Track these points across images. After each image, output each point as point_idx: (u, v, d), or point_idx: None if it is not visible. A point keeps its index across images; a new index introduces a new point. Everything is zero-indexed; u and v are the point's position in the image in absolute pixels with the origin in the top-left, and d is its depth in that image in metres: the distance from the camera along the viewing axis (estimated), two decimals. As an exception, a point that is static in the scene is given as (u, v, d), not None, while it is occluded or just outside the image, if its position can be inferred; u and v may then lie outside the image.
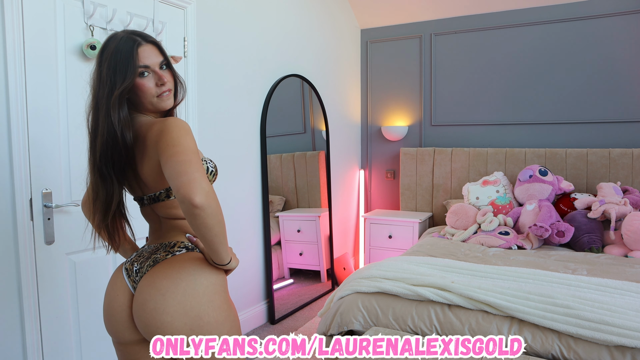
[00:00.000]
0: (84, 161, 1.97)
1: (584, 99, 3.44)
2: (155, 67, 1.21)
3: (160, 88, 1.21)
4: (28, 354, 1.79)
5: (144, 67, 1.18)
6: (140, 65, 1.18)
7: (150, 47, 1.21)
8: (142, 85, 1.19)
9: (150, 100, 1.22)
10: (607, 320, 1.62)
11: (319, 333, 2.10)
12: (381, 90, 4.20)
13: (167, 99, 1.24)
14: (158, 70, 1.21)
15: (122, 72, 1.16)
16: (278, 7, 3.18)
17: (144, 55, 1.19)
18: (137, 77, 1.18)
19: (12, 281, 1.75)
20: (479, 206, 3.34)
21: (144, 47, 1.20)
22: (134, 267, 1.23)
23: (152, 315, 1.12)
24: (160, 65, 1.22)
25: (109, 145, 1.17)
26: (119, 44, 1.18)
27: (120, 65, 1.16)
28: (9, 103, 1.70)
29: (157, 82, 1.21)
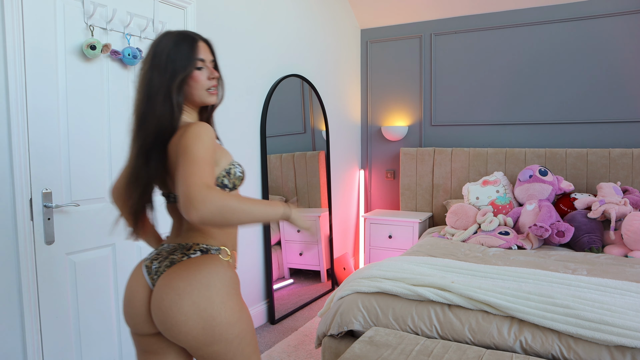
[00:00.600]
0: (84, 161, 1.98)
1: (584, 99, 3.44)
2: (208, 63, 1.30)
3: (210, 82, 1.30)
4: (28, 354, 1.79)
5: (201, 60, 1.28)
6: (199, 58, 1.27)
7: (205, 45, 1.32)
8: (197, 76, 1.28)
9: (200, 93, 1.30)
10: (607, 320, 1.62)
11: (319, 333, 2.10)
12: (381, 90, 4.20)
13: (213, 95, 1.32)
14: (210, 66, 1.31)
15: (183, 62, 1.25)
16: (278, 8, 3.18)
17: (201, 50, 1.28)
18: (195, 68, 1.27)
19: (12, 281, 1.75)
20: (479, 206, 3.34)
21: (201, 43, 1.30)
22: (153, 265, 1.28)
23: (168, 313, 1.18)
24: (212, 63, 1.32)
25: (162, 128, 1.24)
26: (178, 38, 1.28)
27: (181, 55, 1.25)
28: (9, 103, 1.70)
29: (209, 76, 1.30)
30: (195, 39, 1.30)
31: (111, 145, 2.10)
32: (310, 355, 2.61)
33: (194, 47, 1.28)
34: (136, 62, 2.11)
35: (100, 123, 2.05)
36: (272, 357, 2.59)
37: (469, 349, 1.66)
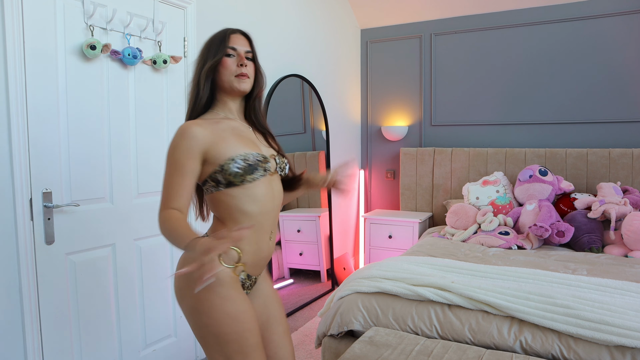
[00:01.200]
0: (84, 161, 1.98)
1: (584, 99, 3.44)
2: (241, 52, 1.37)
3: (239, 69, 1.35)
4: (28, 354, 1.78)
5: (231, 48, 1.35)
6: (229, 46, 1.35)
7: (241, 36, 1.40)
8: (225, 62, 1.35)
9: (229, 79, 1.35)
10: (607, 320, 1.62)
11: (319, 333, 2.10)
12: (381, 90, 4.20)
13: (243, 82, 1.36)
14: (242, 54, 1.37)
15: (214, 51, 1.35)
16: (278, 7, 3.18)
17: (233, 40, 1.37)
18: (224, 56, 1.35)
19: (12, 281, 1.75)
20: (479, 206, 3.33)
21: (236, 35, 1.38)
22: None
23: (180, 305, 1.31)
24: (246, 54, 1.38)
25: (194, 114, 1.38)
26: (216, 33, 1.39)
27: (213, 45, 1.36)
28: (9, 103, 1.70)
29: (238, 63, 1.35)
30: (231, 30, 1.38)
31: (111, 145, 2.10)
32: (310, 355, 2.61)
33: (226, 36, 1.36)
34: (136, 62, 2.11)
35: (100, 123, 2.05)
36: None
37: (469, 349, 1.66)
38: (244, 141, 1.32)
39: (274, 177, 1.36)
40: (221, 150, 1.28)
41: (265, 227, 1.34)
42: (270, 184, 1.34)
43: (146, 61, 2.20)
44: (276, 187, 1.37)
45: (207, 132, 1.28)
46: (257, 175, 1.29)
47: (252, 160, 1.29)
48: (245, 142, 1.32)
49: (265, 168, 1.32)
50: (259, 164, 1.30)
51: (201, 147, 1.26)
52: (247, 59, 1.38)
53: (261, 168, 1.30)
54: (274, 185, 1.36)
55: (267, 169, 1.32)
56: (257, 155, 1.31)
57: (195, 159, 1.26)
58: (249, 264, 1.32)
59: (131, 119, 2.19)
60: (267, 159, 1.34)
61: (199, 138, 1.26)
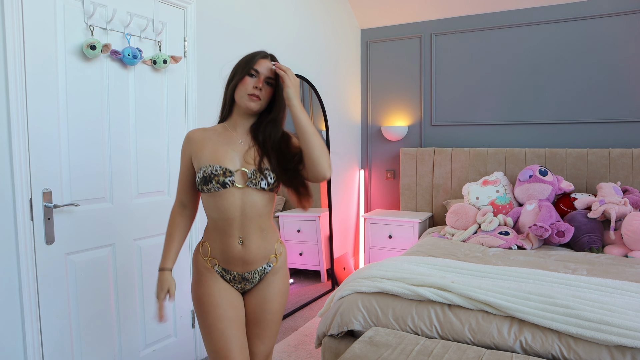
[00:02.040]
0: (84, 161, 1.98)
1: (584, 99, 3.44)
2: (262, 76, 1.47)
3: (253, 90, 1.46)
4: (28, 354, 1.78)
5: (255, 70, 1.47)
6: (254, 68, 1.47)
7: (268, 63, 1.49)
8: (245, 80, 1.47)
9: (242, 95, 1.47)
10: (607, 320, 1.62)
11: (319, 333, 2.10)
12: (381, 90, 4.20)
13: (251, 102, 1.46)
14: (262, 78, 1.47)
15: (241, 68, 1.49)
16: (278, 7, 3.18)
17: (259, 64, 1.47)
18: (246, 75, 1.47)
19: (12, 281, 1.75)
20: (479, 206, 3.34)
21: (266, 59, 1.49)
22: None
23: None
24: (267, 79, 1.47)
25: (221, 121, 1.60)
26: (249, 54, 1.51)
27: (242, 64, 1.50)
28: (9, 103, 1.70)
29: (255, 85, 1.46)
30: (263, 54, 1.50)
31: (111, 145, 2.10)
32: (310, 355, 2.61)
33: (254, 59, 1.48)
34: (136, 62, 2.11)
35: (100, 123, 2.05)
36: (272, 357, 2.59)
37: (469, 349, 1.66)
38: (218, 154, 1.46)
39: (246, 190, 1.44)
40: (198, 158, 1.49)
41: (230, 232, 1.47)
42: (238, 195, 1.44)
43: (146, 61, 2.20)
44: (250, 198, 1.45)
45: (198, 139, 1.51)
46: (211, 187, 1.43)
47: (207, 173, 1.43)
48: (218, 155, 1.46)
49: (224, 182, 1.42)
50: (213, 177, 1.42)
51: (190, 151, 1.52)
52: (267, 83, 1.48)
53: (215, 181, 1.42)
54: (247, 197, 1.45)
55: (227, 183, 1.42)
56: (216, 169, 1.43)
57: (187, 160, 1.53)
58: (219, 259, 1.50)
59: (131, 119, 2.19)
60: (229, 173, 1.43)
61: (190, 143, 1.52)
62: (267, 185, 1.46)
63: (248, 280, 1.53)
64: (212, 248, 1.51)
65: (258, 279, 1.54)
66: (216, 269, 1.51)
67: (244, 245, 1.48)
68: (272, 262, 1.55)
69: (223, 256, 1.49)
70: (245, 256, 1.48)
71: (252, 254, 1.49)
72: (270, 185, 1.47)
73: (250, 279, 1.53)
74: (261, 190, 1.46)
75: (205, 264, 1.52)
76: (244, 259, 1.49)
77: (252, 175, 1.45)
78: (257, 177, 1.45)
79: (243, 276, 1.51)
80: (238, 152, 1.48)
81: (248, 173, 1.45)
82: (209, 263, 1.51)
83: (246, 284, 1.54)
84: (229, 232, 1.47)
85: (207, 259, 1.52)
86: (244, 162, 1.47)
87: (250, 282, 1.53)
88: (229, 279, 1.52)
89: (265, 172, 1.46)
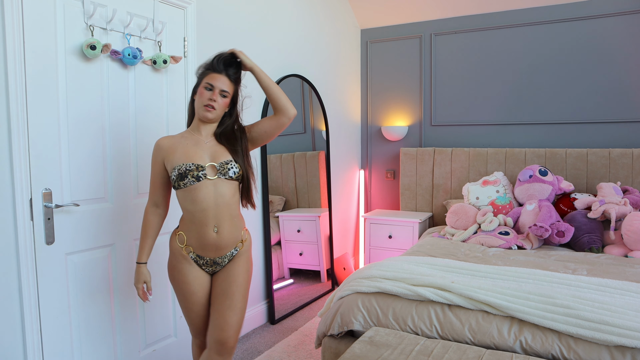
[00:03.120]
0: (84, 161, 1.98)
1: (584, 99, 3.44)
2: (216, 90, 1.71)
3: (209, 101, 1.70)
4: (28, 354, 1.78)
5: (210, 85, 1.71)
6: (208, 83, 1.71)
7: (225, 79, 1.73)
8: (201, 92, 1.72)
9: (199, 105, 1.73)
10: (607, 320, 1.62)
11: (319, 333, 2.10)
12: (381, 90, 4.20)
13: (207, 112, 1.71)
14: (217, 92, 1.71)
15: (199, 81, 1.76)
16: (278, 8, 3.18)
17: (212, 79, 1.72)
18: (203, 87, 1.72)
19: (12, 281, 1.75)
20: (479, 206, 3.34)
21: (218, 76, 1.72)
22: None
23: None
24: (221, 92, 1.72)
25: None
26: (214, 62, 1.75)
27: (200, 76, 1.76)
28: (9, 103, 1.70)
29: (210, 97, 1.70)
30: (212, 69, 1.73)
31: (111, 145, 2.10)
32: (310, 355, 2.61)
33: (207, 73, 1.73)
34: (136, 62, 2.11)
35: (100, 123, 2.05)
36: (272, 357, 2.59)
37: (469, 349, 1.66)
38: (189, 154, 1.70)
39: (218, 181, 1.70)
40: (170, 161, 1.71)
41: (205, 221, 1.69)
42: (211, 187, 1.68)
43: (146, 61, 2.20)
44: (220, 189, 1.70)
45: (167, 145, 1.74)
46: (187, 181, 1.66)
47: (182, 170, 1.67)
48: (189, 154, 1.70)
49: (197, 176, 1.66)
50: (188, 172, 1.66)
51: (162, 157, 1.74)
52: (222, 96, 1.72)
53: (190, 176, 1.66)
54: (217, 188, 1.69)
55: (200, 176, 1.67)
56: (189, 165, 1.67)
57: (159, 165, 1.75)
58: (194, 246, 1.73)
59: (131, 119, 2.19)
60: (201, 168, 1.68)
61: (161, 150, 1.75)
62: (234, 173, 1.72)
63: (219, 264, 1.77)
64: (188, 237, 1.73)
65: (227, 262, 1.78)
66: (191, 255, 1.74)
67: (219, 232, 1.71)
68: (239, 247, 1.80)
69: (199, 243, 1.72)
70: (219, 242, 1.72)
71: (224, 240, 1.73)
72: (237, 174, 1.73)
73: (220, 263, 1.77)
74: (229, 180, 1.72)
75: (181, 252, 1.75)
76: (217, 245, 1.72)
77: (220, 167, 1.71)
78: (224, 169, 1.71)
79: (215, 261, 1.76)
80: (206, 150, 1.73)
81: (217, 166, 1.70)
82: (184, 251, 1.74)
83: (216, 267, 1.78)
84: (205, 221, 1.69)
85: (183, 247, 1.74)
86: (212, 158, 1.72)
87: (221, 265, 1.78)
88: (202, 264, 1.76)
89: (230, 164, 1.72)
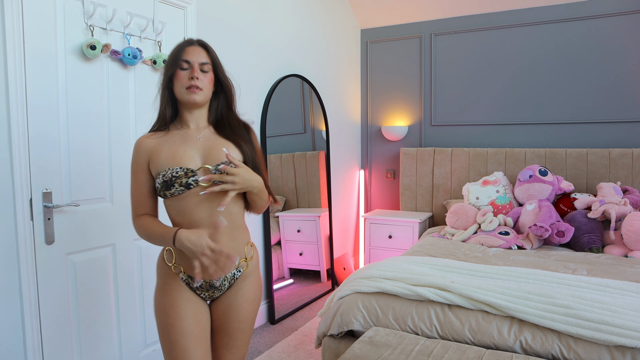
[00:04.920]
0: (84, 161, 1.98)
1: (584, 99, 3.44)
2: (194, 64, 1.38)
3: (190, 81, 1.37)
4: (28, 354, 1.78)
5: (185, 61, 1.38)
6: (183, 59, 1.37)
7: (199, 48, 1.40)
8: (178, 74, 1.38)
9: (180, 91, 1.39)
10: (607, 320, 1.62)
11: (319, 333, 2.10)
12: (381, 90, 4.20)
13: (193, 94, 1.38)
14: (195, 67, 1.38)
15: (170, 63, 1.39)
16: (278, 7, 3.18)
17: (189, 52, 1.38)
18: (178, 69, 1.38)
19: (12, 281, 1.75)
20: (479, 206, 3.33)
21: (193, 47, 1.40)
22: None
23: None
24: (201, 66, 1.39)
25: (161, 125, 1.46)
26: (176, 45, 1.41)
27: (170, 58, 1.39)
28: (9, 103, 1.70)
29: (189, 76, 1.37)
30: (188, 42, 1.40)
31: (111, 145, 2.10)
32: (310, 355, 2.61)
33: (181, 49, 1.39)
34: (136, 62, 2.11)
35: (100, 123, 2.05)
36: (272, 357, 2.59)
37: (469, 349, 1.66)
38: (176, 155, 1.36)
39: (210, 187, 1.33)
40: (155, 164, 1.38)
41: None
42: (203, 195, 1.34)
43: (146, 61, 2.20)
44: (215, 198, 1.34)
45: (151, 145, 1.40)
46: (174, 190, 1.33)
47: (167, 177, 1.34)
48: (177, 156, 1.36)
49: (187, 183, 1.33)
50: (174, 180, 1.33)
51: (146, 159, 1.40)
52: (202, 71, 1.39)
53: (177, 184, 1.32)
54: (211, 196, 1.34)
55: (190, 183, 1.33)
56: (176, 171, 1.33)
57: (145, 170, 1.41)
58: (185, 266, 1.38)
59: (131, 119, 2.19)
60: (191, 173, 1.34)
61: (144, 151, 1.40)
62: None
63: (217, 288, 1.41)
64: (177, 254, 1.39)
65: (227, 286, 1.43)
66: (181, 276, 1.39)
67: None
68: (242, 267, 1.44)
69: (189, 263, 1.36)
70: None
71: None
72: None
73: (219, 287, 1.41)
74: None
75: (169, 271, 1.40)
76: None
77: (216, 171, 1.34)
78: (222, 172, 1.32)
79: (211, 284, 1.40)
80: (198, 149, 1.39)
81: (212, 169, 1.34)
82: (173, 269, 1.40)
83: (214, 292, 1.42)
84: None
85: (171, 265, 1.40)
86: (204, 158, 1.38)
87: (219, 289, 1.42)
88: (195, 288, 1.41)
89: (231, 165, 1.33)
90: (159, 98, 1.44)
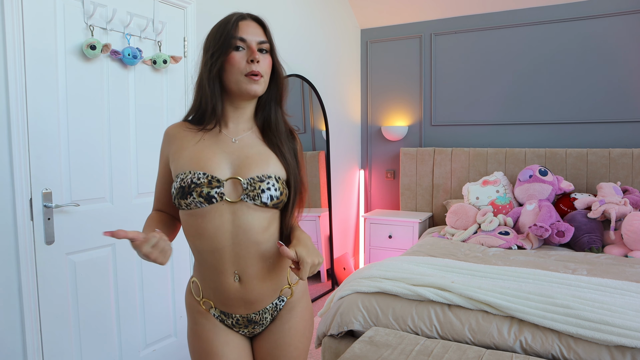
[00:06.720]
0: (84, 161, 1.98)
1: (584, 99, 3.44)
2: (252, 44, 1.09)
3: (250, 65, 1.08)
4: (28, 354, 1.78)
5: (240, 39, 1.08)
6: (237, 37, 1.08)
7: (254, 24, 1.12)
8: (233, 58, 1.08)
9: (237, 78, 1.08)
10: (607, 320, 1.62)
11: (319, 333, 2.10)
12: (381, 90, 4.20)
13: (254, 83, 1.09)
14: (254, 47, 1.09)
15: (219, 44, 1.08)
16: (278, 7, 3.18)
17: (243, 29, 1.09)
18: (232, 49, 1.08)
19: (12, 281, 1.75)
20: (479, 206, 3.33)
21: (247, 22, 1.11)
22: None
23: None
24: (259, 45, 1.10)
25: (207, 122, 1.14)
26: (221, 21, 1.12)
27: (218, 38, 1.09)
28: (9, 103, 1.70)
29: (249, 59, 1.08)
30: (239, 16, 1.12)
31: (111, 145, 2.10)
32: (310, 355, 2.61)
33: (233, 25, 1.09)
34: (136, 62, 2.11)
35: (100, 123, 2.05)
36: None
37: (469, 349, 1.66)
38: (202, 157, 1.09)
39: (240, 207, 1.07)
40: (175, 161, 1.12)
41: (220, 267, 1.10)
42: (228, 214, 1.07)
43: (146, 61, 2.20)
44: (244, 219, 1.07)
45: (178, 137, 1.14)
46: (191, 201, 1.05)
47: (186, 182, 1.05)
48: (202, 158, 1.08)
49: (209, 195, 1.04)
50: (194, 188, 1.04)
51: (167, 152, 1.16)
52: (260, 51, 1.10)
53: (197, 193, 1.04)
54: (239, 217, 1.07)
55: (213, 196, 1.05)
56: (199, 176, 1.05)
57: (164, 163, 1.18)
58: (215, 301, 1.15)
59: (131, 119, 2.19)
60: (217, 183, 1.06)
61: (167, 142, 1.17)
62: (271, 198, 1.08)
63: (257, 322, 1.17)
64: (204, 287, 1.15)
65: (270, 319, 1.19)
66: (213, 312, 1.16)
67: (242, 282, 1.11)
68: (286, 295, 1.19)
69: (218, 297, 1.14)
70: (246, 295, 1.12)
71: (254, 292, 1.12)
72: (275, 200, 1.09)
73: (259, 321, 1.17)
74: (261, 207, 1.08)
75: (198, 308, 1.17)
76: (245, 299, 1.13)
77: (248, 186, 1.07)
78: (255, 188, 1.07)
79: (249, 318, 1.16)
80: (229, 154, 1.11)
81: (243, 182, 1.07)
82: (202, 305, 1.17)
83: (255, 327, 1.18)
84: (218, 266, 1.10)
85: (200, 301, 1.17)
86: (237, 168, 1.10)
87: (260, 324, 1.18)
88: (231, 324, 1.17)
89: (268, 181, 1.08)
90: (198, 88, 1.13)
